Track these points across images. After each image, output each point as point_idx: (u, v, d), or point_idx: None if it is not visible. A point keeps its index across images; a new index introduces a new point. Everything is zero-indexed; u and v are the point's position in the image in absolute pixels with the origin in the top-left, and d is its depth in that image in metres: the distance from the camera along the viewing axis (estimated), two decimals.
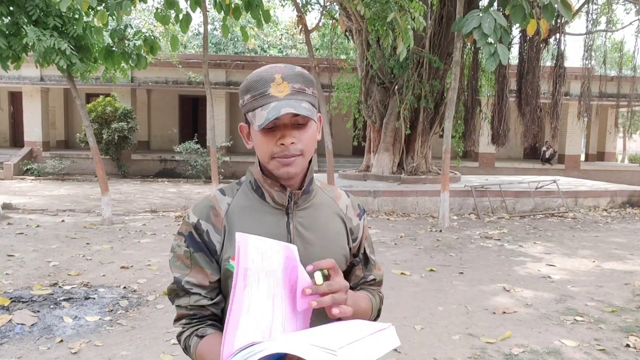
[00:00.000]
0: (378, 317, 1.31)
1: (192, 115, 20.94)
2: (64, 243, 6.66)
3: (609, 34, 14.83)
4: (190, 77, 17.63)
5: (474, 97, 11.45)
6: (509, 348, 3.56)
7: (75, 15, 7.27)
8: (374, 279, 1.30)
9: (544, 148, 19.24)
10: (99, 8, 6.68)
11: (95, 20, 7.17)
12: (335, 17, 13.43)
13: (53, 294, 4.48)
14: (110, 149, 16.50)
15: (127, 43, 7.89)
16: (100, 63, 8.11)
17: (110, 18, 6.71)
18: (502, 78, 11.01)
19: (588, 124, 20.35)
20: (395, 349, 3.46)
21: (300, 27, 9.62)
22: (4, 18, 7.03)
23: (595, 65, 14.30)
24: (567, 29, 11.82)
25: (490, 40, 6.73)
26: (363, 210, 1.29)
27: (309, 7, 12.24)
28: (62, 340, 3.59)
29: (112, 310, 4.21)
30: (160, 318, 4.08)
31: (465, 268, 5.81)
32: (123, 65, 8.16)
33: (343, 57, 18.19)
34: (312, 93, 1.10)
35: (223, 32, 7.82)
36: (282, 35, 28.54)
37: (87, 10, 7.10)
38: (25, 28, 6.82)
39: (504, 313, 4.29)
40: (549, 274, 5.57)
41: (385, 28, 7.49)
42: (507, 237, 7.69)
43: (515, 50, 11.90)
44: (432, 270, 5.66)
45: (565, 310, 4.38)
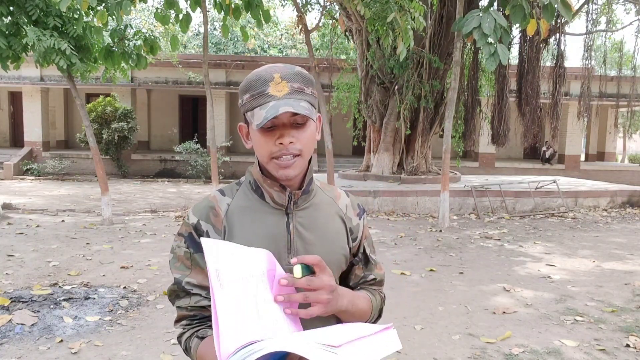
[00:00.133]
0: (380, 317, 1.30)
1: (192, 115, 20.94)
2: (64, 243, 6.66)
3: (609, 34, 14.83)
4: (190, 77, 17.62)
5: (474, 97, 11.45)
6: (509, 348, 3.56)
7: (75, 15, 7.27)
8: (375, 279, 1.29)
9: (544, 148, 19.23)
10: (99, 8, 6.68)
11: (95, 20, 7.17)
12: (335, 17, 13.42)
13: (53, 294, 4.48)
14: (110, 149, 16.50)
15: (127, 43, 7.89)
16: (100, 63, 8.11)
17: (110, 18, 6.71)
18: (502, 78, 11.01)
19: (588, 124, 20.35)
20: None
21: (300, 27, 9.62)
22: (4, 18, 7.02)
23: (595, 65, 14.31)
24: (567, 29, 11.83)
25: (490, 40, 6.73)
26: (363, 210, 1.29)
27: (309, 7, 12.25)
28: (62, 340, 3.59)
29: (112, 310, 4.21)
30: (160, 318, 4.08)
31: (465, 268, 5.81)
32: (123, 65, 8.16)
33: (343, 57, 18.19)
34: (311, 93, 1.09)
35: (223, 32, 7.83)
36: (282, 35, 28.53)
37: (87, 10, 7.10)
38: (25, 28, 6.82)
39: (504, 313, 4.29)
40: (549, 274, 5.57)
41: (385, 28, 7.49)
42: (507, 237, 7.69)
43: (515, 50, 11.92)
44: (432, 270, 5.66)
45: (565, 310, 4.38)
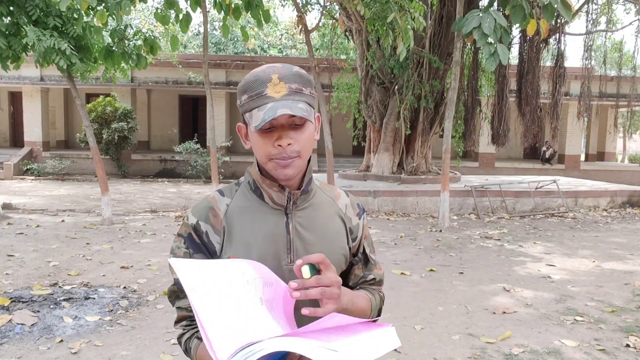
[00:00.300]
0: (379, 316, 1.30)
1: (192, 115, 20.94)
2: (64, 243, 6.66)
3: (609, 34, 14.82)
4: (190, 77, 17.62)
5: (474, 97, 11.45)
6: (509, 348, 3.56)
7: (75, 15, 7.27)
8: (374, 278, 1.29)
9: (544, 148, 19.23)
10: (99, 8, 6.68)
11: (95, 20, 7.17)
12: (335, 17, 13.42)
13: (53, 294, 4.48)
14: (110, 149, 16.51)
15: (127, 43, 7.89)
16: (100, 63, 8.11)
17: (110, 18, 6.71)
18: (502, 78, 11.01)
19: (588, 124, 20.34)
20: (396, 349, 3.46)
21: (300, 27, 9.62)
22: (4, 18, 7.02)
23: (595, 65, 14.31)
24: (567, 29, 11.83)
25: (490, 40, 6.73)
26: (362, 210, 1.28)
27: (309, 7, 12.24)
28: (62, 340, 3.59)
29: (112, 310, 4.21)
30: (160, 318, 4.08)
31: (465, 268, 5.81)
32: (123, 65, 8.16)
33: (343, 57, 18.18)
34: (309, 93, 1.09)
35: (223, 32, 7.83)
36: (282, 35, 28.54)
37: (86, 10, 7.10)
38: (25, 28, 6.82)
39: (504, 313, 4.29)
40: (549, 274, 5.56)
41: (385, 28, 7.49)
42: (507, 237, 7.68)
43: (515, 50, 11.92)
44: (432, 270, 5.66)
45: (565, 310, 4.38)
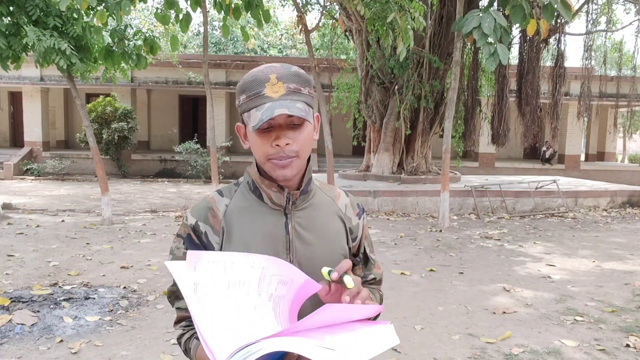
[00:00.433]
0: (378, 315, 1.31)
1: (192, 115, 20.94)
2: (64, 243, 6.66)
3: (609, 34, 14.81)
4: (190, 77, 17.62)
5: (474, 97, 11.45)
6: (509, 348, 3.56)
7: (75, 15, 7.27)
8: (374, 278, 1.30)
9: (544, 148, 19.23)
10: (99, 8, 6.68)
11: (95, 20, 7.17)
12: (335, 17, 13.42)
13: (53, 294, 4.48)
14: (110, 149, 16.51)
15: (127, 43, 7.89)
16: (100, 63, 8.11)
17: (110, 18, 6.71)
18: (502, 78, 11.01)
19: (588, 124, 20.35)
20: (395, 349, 3.46)
21: (300, 27, 9.62)
22: (4, 18, 7.02)
23: (595, 65, 14.30)
24: (567, 29, 11.83)
25: (490, 40, 6.73)
26: (362, 210, 1.28)
27: (309, 7, 12.24)
28: (62, 340, 3.59)
29: (112, 310, 4.21)
30: (160, 318, 4.08)
31: (465, 268, 5.80)
32: (123, 65, 8.16)
33: (343, 57, 18.18)
34: (308, 93, 1.09)
35: (223, 32, 7.83)
36: (282, 35, 28.53)
37: (86, 10, 7.10)
38: (25, 28, 6.82)
39: (504, 313, 4.29)
40: (549, 274, 5.56)
41: (385, 28, 7.48)
42: (507, 237, 7.68)
43: (515, 50, 11.92)
44: (432, 270, 5.66)
45: (565, 310, 4.38)
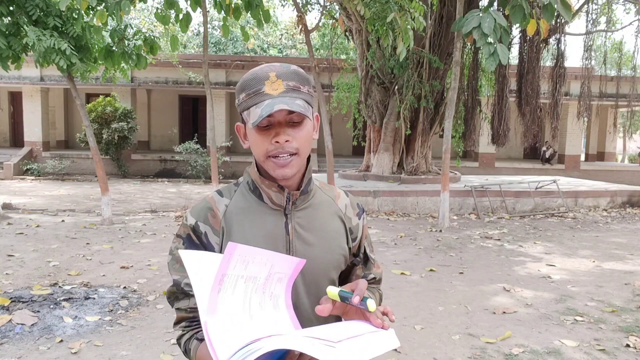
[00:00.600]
0: None
1: (192, 115, 20.94)
2: (64, 243, 6.66)
3: (609, 34, 14.82)
4: (190, 77, 17.62)
5: (474, 97, 11.45)
6: (509, 348, 3.56)
7: (75, 15, 7.27)
8: (374, 278, 1.31)
9: (544, 148, 19.23)
10: (99, 8, 6.68)
11: (95, 20, 7.17)
12: (335, 17, 13.42)
13: (53, 294, 4.48)
14: (110, 149, 16.50)
15: (127, 43, 7.89)
16: (100, 63, 8.11)
17: (110, 18, 6.71)
18: (502, 78, 11.01)
19: (588, 124, 20.35)
20: (395, 349, 3.46)
21: (300, 27, 9.62)
22: (4, 18, 7.02)
23: (595, 65, 14.30)
24: (567, 29, 11.82)
25: (490, 40, 6.73)
26: (362, 210, 1.28)
27: (309, 7, 12.23)
28: (62, 340, 3.59)
29: (112, 310, 4.21)
30: (160, 318, 4.08)
31: (465, 268, 5.80)
32: (123, 65, 8.16)
33: (343, 57, 18.18)
34: (307, 91, 1.09)
35: (223, 32, 7.83)
36: (282, 35, 28.53)
37: (86, 10, 7.10)
38: (25, 28, 6.82)
39: (504, 313, 4.29)
40: (549, 274, 5.56)
41: (385, 28, 7.48)
42: (507, 237, 7.68)
43: (515, 50, 11.91)
44: (432, 270, 5.66)
45: (565, 310, 4.38)
